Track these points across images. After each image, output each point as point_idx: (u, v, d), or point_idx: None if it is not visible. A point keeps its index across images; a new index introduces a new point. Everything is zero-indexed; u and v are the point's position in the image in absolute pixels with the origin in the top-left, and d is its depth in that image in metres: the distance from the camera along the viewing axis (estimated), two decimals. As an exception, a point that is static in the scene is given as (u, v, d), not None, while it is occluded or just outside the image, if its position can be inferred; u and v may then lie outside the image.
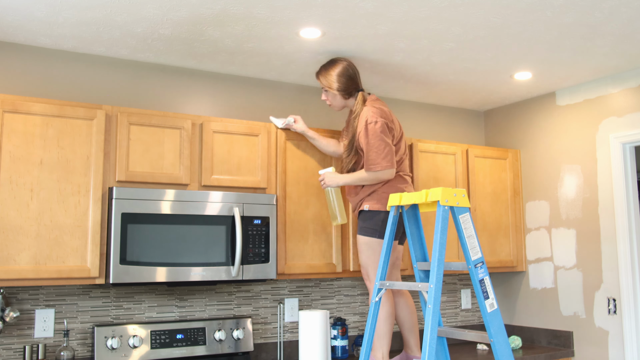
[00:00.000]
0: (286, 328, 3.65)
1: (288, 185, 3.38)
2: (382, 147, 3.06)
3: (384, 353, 3.06)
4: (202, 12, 2.76)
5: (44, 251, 2.73)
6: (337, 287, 3.86)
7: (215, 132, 3.21)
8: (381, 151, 3.06)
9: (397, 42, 3.15)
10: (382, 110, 3.15)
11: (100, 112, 2.93)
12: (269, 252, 3.19)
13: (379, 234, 3.08)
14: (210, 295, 3.45)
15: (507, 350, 2.44)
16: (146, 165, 3.02)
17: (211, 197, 3.07)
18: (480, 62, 3.50)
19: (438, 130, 4.46)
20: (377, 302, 2.70)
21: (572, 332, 3.89)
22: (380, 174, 3.08)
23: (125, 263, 2.83)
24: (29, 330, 2.98)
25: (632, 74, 3.67)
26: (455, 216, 2.53)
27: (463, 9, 2.74)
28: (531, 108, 4.31)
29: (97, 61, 3.33)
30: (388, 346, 3.07)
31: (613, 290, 3.68)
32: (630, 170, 3.68)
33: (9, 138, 2.72)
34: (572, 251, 3.94)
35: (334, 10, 2.75)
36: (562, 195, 4.02)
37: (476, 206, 4.04)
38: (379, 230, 3.08)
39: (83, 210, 2.84)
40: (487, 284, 2.50)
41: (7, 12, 2.74)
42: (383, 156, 3.06)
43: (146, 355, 3.08)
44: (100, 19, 2.84)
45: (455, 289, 4.33)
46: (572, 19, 2.86)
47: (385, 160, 3.06)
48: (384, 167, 3.06)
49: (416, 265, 2.72)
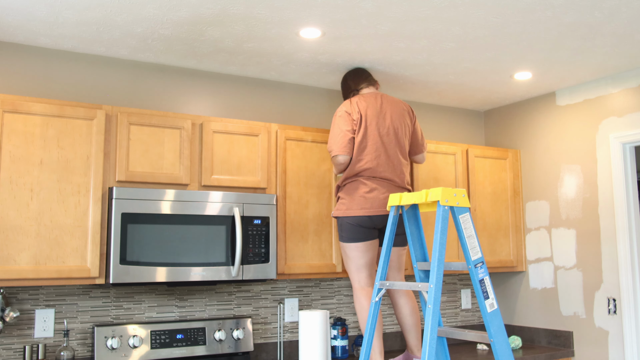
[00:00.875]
0: (286, 328, 3.65)
1: (288, 185, 3.38)
2: (335, 133, 3.16)
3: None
4: (202, 12, 2.76)
5: (44, 251, 2.73)
6: (337, 287, 3.86)
7: (215, 132, 3.21)
8: (334, 137, 3.16)
9: (397, 42, 3.15)
10: (350, 101, 3.24)
11: (100, 112, 2.93)
12: (269, 252, 3.19)
13: (346, 238, 3.13)
14: (210, 295, 3.45)
15: (507, 350, 2.44)
16: (146, 165, 3.02)
17: (211, 197, 3.07)
18: (480, 62, 3.50)
19: (438, 130, 4.46)
20: (377, 302, 2.70)
21: (572, 332, 3.89)
22: (334, 159, 3.17)
23: (125, 263, 2.83)
24: (29, 330, 2.98)
25: (632, 74, 3.67)
26: (455, 216, 2.53)
27: (463, 9, 2.74)
28: (531, 108, 4.31)
29: (97, 61, 3.33)
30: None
31: (613, 290, 3.68)
32: (630, 170, 3.68)
33: (9, 138, 2.72)
34: (572, 251, 3.94)
35: (334, 10, 2.75)
36: (562, 195, 4.02)
37: (476, 206, 4.04)
38: (345, 235, 3.13)
39: (83, 210, 2.84)
40: (487, 284, 2.50)
41: (7, 12, 2.74)
42: (334, 142, 3.15)
43: (146, 355, 3.08)
44: (100, 19, 2.84)
45: (455, 289, 4.33)
46: (572, 19, 2.86)
47: (336, 145, 3.14)
48: (335, 152, 3.14)
49: (416, 265, 2.72)
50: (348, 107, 3.20)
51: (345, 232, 3.13)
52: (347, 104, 3.23)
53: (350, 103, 3.22)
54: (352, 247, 3.11)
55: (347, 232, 3.12)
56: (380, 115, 3.19)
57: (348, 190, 3.16)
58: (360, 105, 3.20)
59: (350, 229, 3.10)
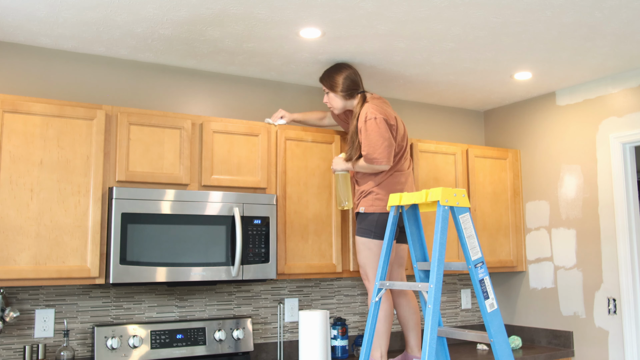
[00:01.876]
0: (286, 328, 3.65)
1: (288, 185, 3.38)
2: (380, 142, 3.11)
3: (382, 352, 3.07)
4: (202, 12, 2.76)
5: (44, 251, 2.73)
6: (337, 287, 3.86)
7: (215, 132, 3.21)
8: (379, 145, 3.10)
9: (397, 42, 3.15)
10: (381, 107, 3.19)
11: (100, 112, 2.93)
12: (269, 252, 3.19)
13: (374, 234, 3.11)
14: (210, 295, 3.45)
15: (507, 350, 2.44)
16: (146, 165, 3.02)
17: (211, 197, 3.07)
18: (480, 62, 3.50)
19: (438, 130, 4.46)
20: (377, 302, 2.70)
21: (572, 332, 3.89)
22: (377, 167, 3.16)
23: (125, 263, 2.83)
24: (29, 330, 2.98)
25: (632, 74, 3.67)
26: (455, 216, 2.53)
27: (463, 9, 2.74)
28: (531, 108, 4.31)
29: (97, 61, 3.33)
30: (386, 345, 3.09)
31: (613, 290, 3.68)
32: (630, 170, 3.68)
33: (9, 138, 2.72)
34: (572, 251, 3.94)
35: (334, 10, 2.74)
36: (562, 195, 4.02)
37: (476, 206, 4.04)
38: (374, 231, 3.11)
39: (83, 210, 2.84)
40: (487, 284, 2.50)
41: (7, 12, 2.74)
42: (380, 150, 3.11)
43: (146, 355, 3.08)
44: (100, 19, 2.84)
45: (455, 289, 4.33)
46: (572, 19, 2.86)
47: (381, 154, 3.11)
48: (379, 161, 3.12)
49: (416, 265, 2.72)
50: (385, 114, 3.17)
51: (379, 228, 3.11)
52: (380, 110, 3.17)
53: (380, 109, 3.19)
54: (380, 244, 3.11)
55: (381, 229, 3.11)
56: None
57: (386, 185, 3.17)
58: (392, 112, 3.27)
59: (385, 225, 3.09)
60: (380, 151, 3.10)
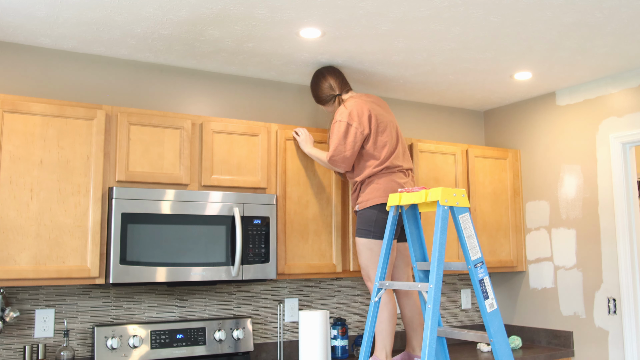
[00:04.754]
0: (286, 328, 3.65)
1: (288, 185, 3.38)
2: (341, 145, 3.19)
3: (387, 352, 3.05)
4: (202, 12, 2.76)
5: (44, 251, 2.73)
6: (337, 287, 3.86)
7: (215, 132, 3.21)
8: (337, 146, 3.20)
9: (397, 42, 3.16)
10: (351, 110, 3.22)
11: (100, 112, 2.93)
12: (269, 252, 3.19)
13: (373, 234, 3.09)
14: (210, 295, 3.45)
15: (507, 350, 2.44)
16: (146, 165, 3.02)
17: (211, 197, 3.08)
18: (480, 62, 3.50)
19: (438, 130, 4.46)
20: (376, 302, 2.70)
21: (572, 332, 3.89)
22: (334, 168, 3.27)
23: (125, 263, 2.83)
24: (29, 330, 2.98)
25: (632, 74, 3.67)
26: (455, 216, 2.53)
27: (463, 9, 2.74)
28: (531, 108, 4.31)
29: (97, 61, 3.33)
30: (391, 346, 3.07)
31: (613, 290, 3.68)
32: (630, 170, 3.68)
33: (9, 138, 2.72)
34: (572, 251, 3.94)
35: (334, 10, 2.75)
36: (562, 195, 4.02)
37: (476, 206, 4.04)
38: (372, 230, 3.09)
39: (83, 210, 2.84)
40: (487, 284, 2.50)
41: (7, 12, 2.74)
42: (337, 152, 3.19)
43: (146, 355, 3.08)
44: (100, 19, 2.84)
45: (455, 289, 4.33)
46: (572, 19, 2.86)
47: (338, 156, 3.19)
48: (334, 161, 3.22)
49: (416, 265, 2.72)
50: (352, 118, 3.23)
51: (378, 227, 3.08)
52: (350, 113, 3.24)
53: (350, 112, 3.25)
54: (381, 243, 3.09)
55: (380, 228, 3.08)
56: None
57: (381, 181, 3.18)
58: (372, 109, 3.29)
59: (383, 223, 3.09)
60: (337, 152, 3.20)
